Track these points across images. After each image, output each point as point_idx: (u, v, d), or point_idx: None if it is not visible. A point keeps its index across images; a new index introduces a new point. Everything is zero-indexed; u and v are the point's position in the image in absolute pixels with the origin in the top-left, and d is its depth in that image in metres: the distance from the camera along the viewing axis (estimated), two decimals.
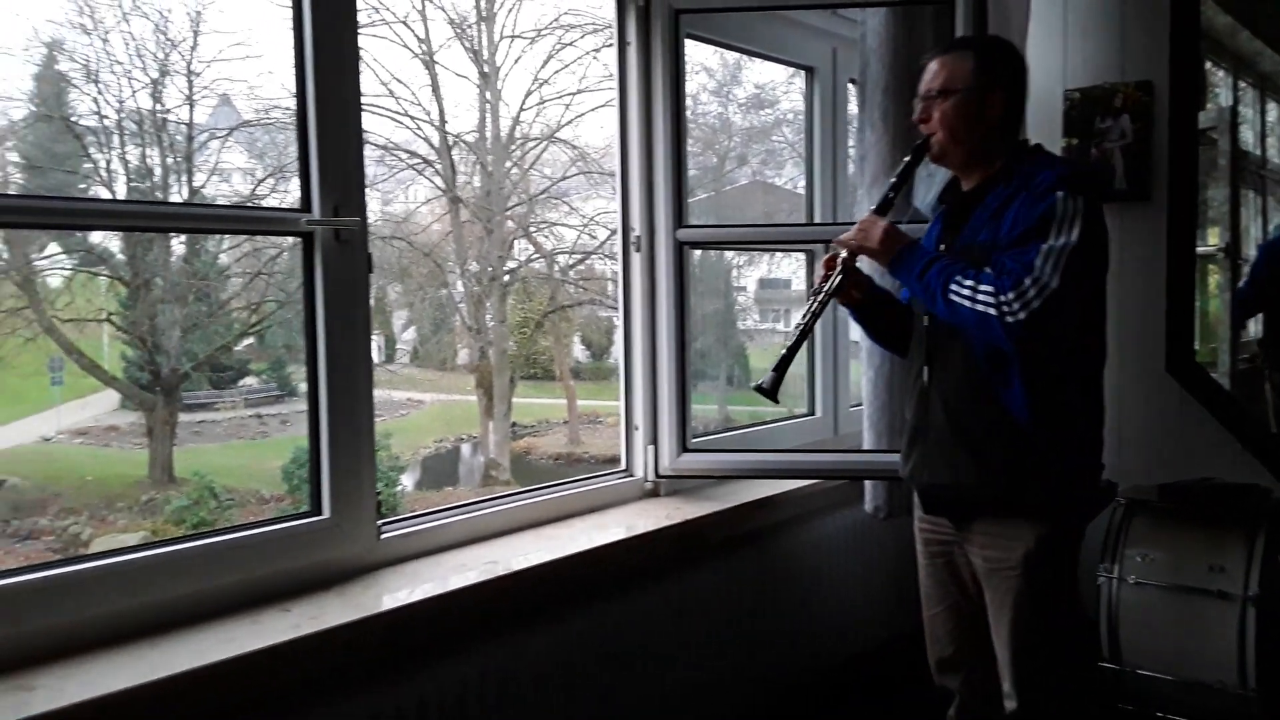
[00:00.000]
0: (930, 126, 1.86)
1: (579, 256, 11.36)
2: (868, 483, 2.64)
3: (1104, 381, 1.89)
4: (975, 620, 1.93)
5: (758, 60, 3.64)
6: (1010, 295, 1.66)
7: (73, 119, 7.68)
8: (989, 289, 1.68)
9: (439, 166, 10.63)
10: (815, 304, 1.92)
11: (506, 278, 11.03)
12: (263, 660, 1.49)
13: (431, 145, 10.60)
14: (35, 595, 1.45)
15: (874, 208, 1.93)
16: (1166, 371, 3.02)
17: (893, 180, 1.93)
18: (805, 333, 1.92)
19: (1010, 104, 1.86)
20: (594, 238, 11.11)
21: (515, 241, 11.29)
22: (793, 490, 2.56)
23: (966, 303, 1.70)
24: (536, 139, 11.01)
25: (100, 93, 7.68)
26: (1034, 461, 1.78)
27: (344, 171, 1.82)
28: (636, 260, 2.48)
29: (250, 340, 9.20)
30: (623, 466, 2.53)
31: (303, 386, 9.42)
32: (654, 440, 2.48)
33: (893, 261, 1.85)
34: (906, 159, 1.92)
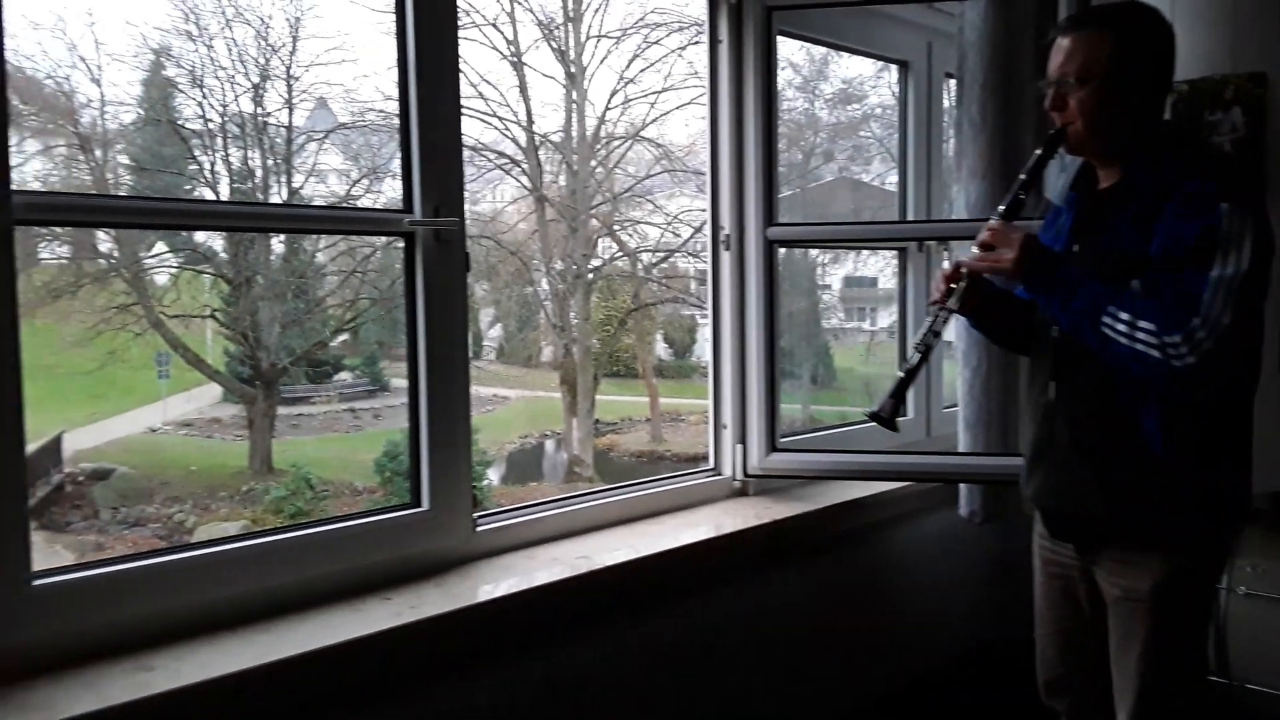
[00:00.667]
0: (1067, 116, 1.65)
1: (662, 255, 11.39)
2: (962, 486, 2.59)
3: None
4: (1089, 645, 1.80)
5: (846, 55, 3.58)
6: (1177, 338, 1.47)
7: (179, 123, 8.01)
8: (1150, 327, 1.50)
9: (526, 166, 10.79)
10: (935, 323, 1.74)
11: (590, 276, 11.13)
12: (367, 647, 1.54)
13: (518, 145, 10.77)
14: (152, 580, 1.52)
15: (1001, 210, 1.70)
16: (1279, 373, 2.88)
17: (1022, 178, 1.72)
18: (926, 354, 1.75)
19: (1158, 86, 1.65)
20: (677, 235, 11.13)
21: (599, 240, 11.38)
22: (884, 492, 2.53)
23: (1123, 339, 1.52)
24: (621, 138, 11.09)
25: (205, 97, 8.00)
26: (1169, 491, 1.62)
27: (444, 174, 1.86)
28: (726, 259, 2.48)
29: (345, 336, 9.48)
30: (710, 465, 2.53)
31: (394, 381, 9.71)
32: (742, 439, 2.47)
33: (1031, 281, 1.64)
34: (1038, 153, 1.71)
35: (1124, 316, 1.53)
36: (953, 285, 1.74)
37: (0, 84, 1.33)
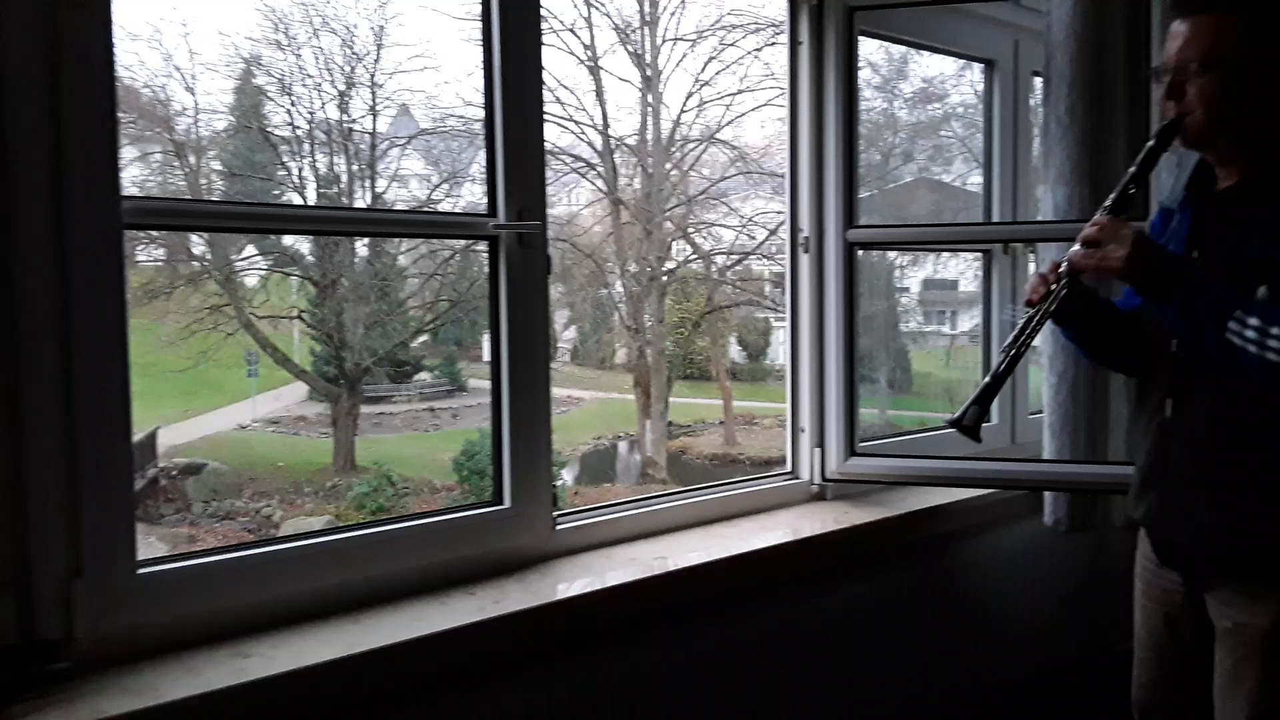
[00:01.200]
0: (1185, 105, 1.53)
1: (737, 257, 11.36)
2: (1048, 494, 2.53)
3: None
4: (1190, 675, 1.69)
5: (926, 53, 3.53)
6: None
7: (268, 129, 8.29)
8: None
9: (601, 169, 10.88)
10: (1028, 326, 1.62)
11: (665, 278, 11.17)
12: (452, 639, 1.58)
13: (594, 149, 10.87)
14: (248, 571, 1.58)
15: (1108, 204, 1.57)
16: None
17: (1132, 170, 1.58)
18: (1015, 359, 1.63)
19: None
20: (752, 238, 11.10)
21: (674, 242, 11.41)
22: (967, 499, 2.48)
23: (1253, 347, 1.39)
24: (696, 140, 11.10)
25: (293, 104, 8.27)
26: None
27: (527, 178, 1.90)
28: (804, 261, 2.46)
29: (424, 337, 9.70)
30: (788, 469, 2.52)
31: (472, 382, 9.88)
32: (820, 443, 2.46)
33: (1145, 282, 1.51)
34: (1149, 144, 1.58)
35: (1253, 322, 1.40)
36: (1051, 286, 1.61)
37: (110, 97, 1.41)
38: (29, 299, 1.33)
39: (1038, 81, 2.92)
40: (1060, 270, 1.61)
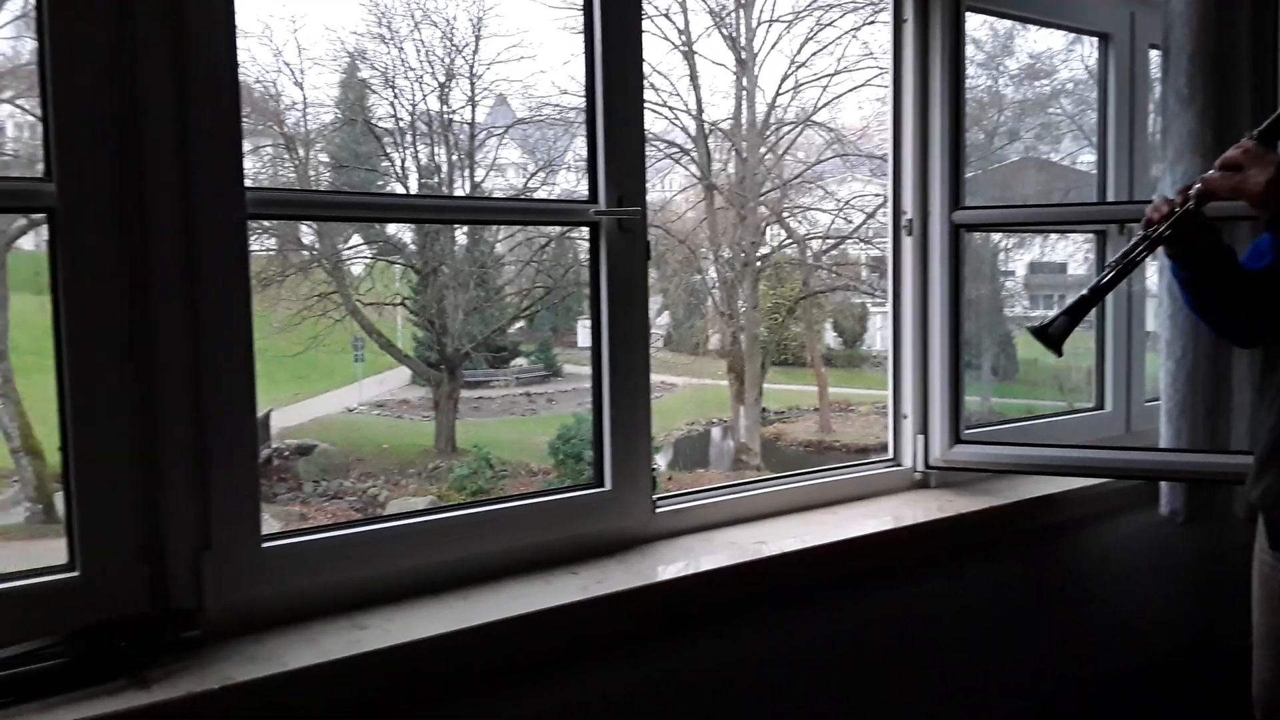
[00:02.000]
0: None
1: (832, 241, 11.18)
2: (1164, 484, 2.43)
3: None
4: None
5: (1032, 28, 3.40)
6: None
7: (373, 122, 8.52)
8: None
9: (695, 154, 10.84)
10: (1143, 244, 1.52)
11: (759, 263, 11.08)
12: (558, 617, 1.62)
13: (688, 134, 10.83)
14: (364, 547, 1.65)
15: (1256, 132, 1.46)
16: None
17: None
18: (1118, 277, 1.54)
19: None
20: (849, 222, 10.90)
21: (768, 227, 11.30)
22: (1077, 489, 2.40)
23: None
24: (792, 123, 10.95)
25: (395, 97, 8.47)
26: None
27: (628, 164, 1.91)
28: (908, 244, 2.42)
29: (521, 323, 9.86)
30: (889, 455, 2.49)
31: (567, 368, 10.01)
32: (924, 430, 2.41)
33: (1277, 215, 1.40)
34: None
35: None
36: (1175, 210, 1.51)
37: (234, 92, 1.47)
38: (162, 286, 1.41)
39: (1155, 55, 2.79)
40: (1190, 192, 1.50)
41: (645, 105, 1.97)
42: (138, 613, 1.41)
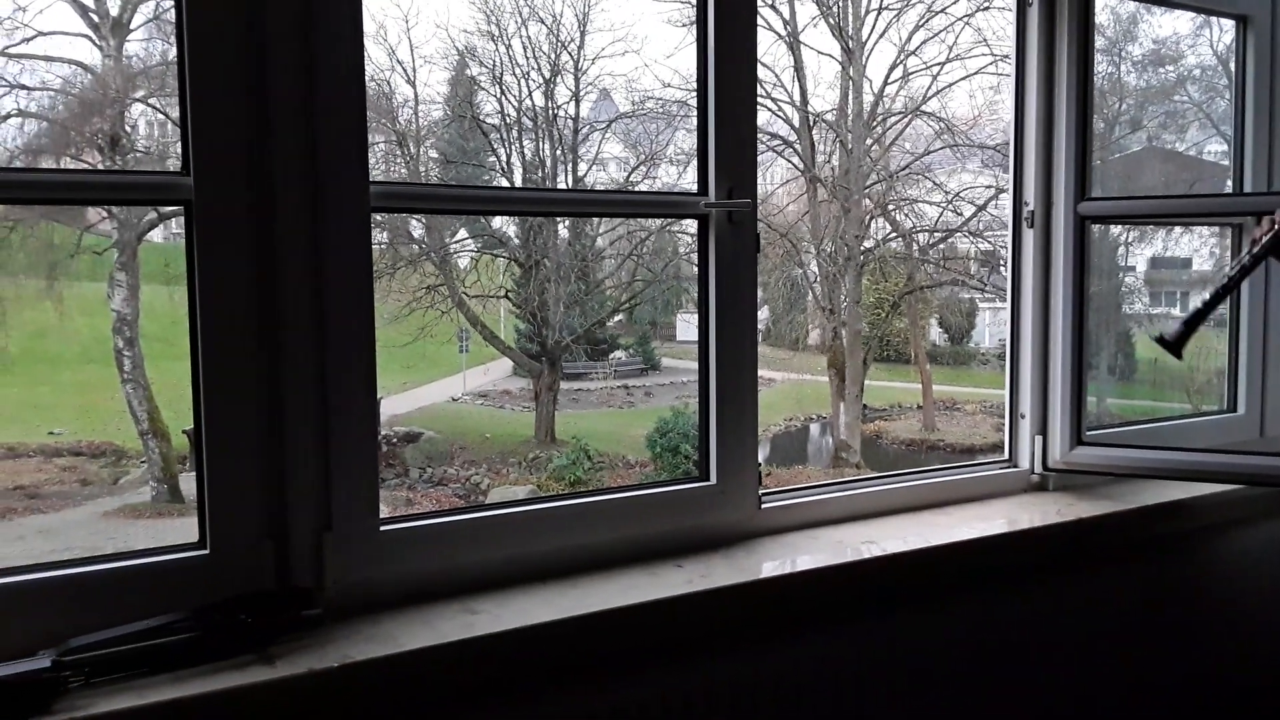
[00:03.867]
0: None
1: (940, 234, 10.88)
2: None
3: None
4: None
5: (1159, 11, 3.21)
6: None
7: (480, 118, 8.69)
8: None
9: (798, 146, 10.70)
10: (1247, 257, 1.59)
11: (862, 257, 10.87)
12: (664, 609, 1.61)
13: (791, 126, 10.70)
14: (475, 532, 1.67)
15: None
16: None
17: None
18: (1230, 287, 1.62)
19: None
20: (958, 214, 10.59)
21: (872, 220, 11.07)
22: (1207, 495, 2.27)
23: None
24: (900, 113, 10.70)
25: (502, 93, 8.63)
26: None
27: (738, 156, 1.89)
28: (1028, 237, 2.32)
29: (620, 317, 9.93)
30: (1004, 456, 2.40)
31: (665, 361, 10.03)
32: (1042, 430, 2.32)
33: None
34: None
35: None
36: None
37: (360, 88, 1.51)
38: (289, 275, 1.46)
39: None
40: None
41: None
42: (262, 590, 1.46)
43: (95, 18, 6.31)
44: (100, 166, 6.22)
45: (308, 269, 1.46)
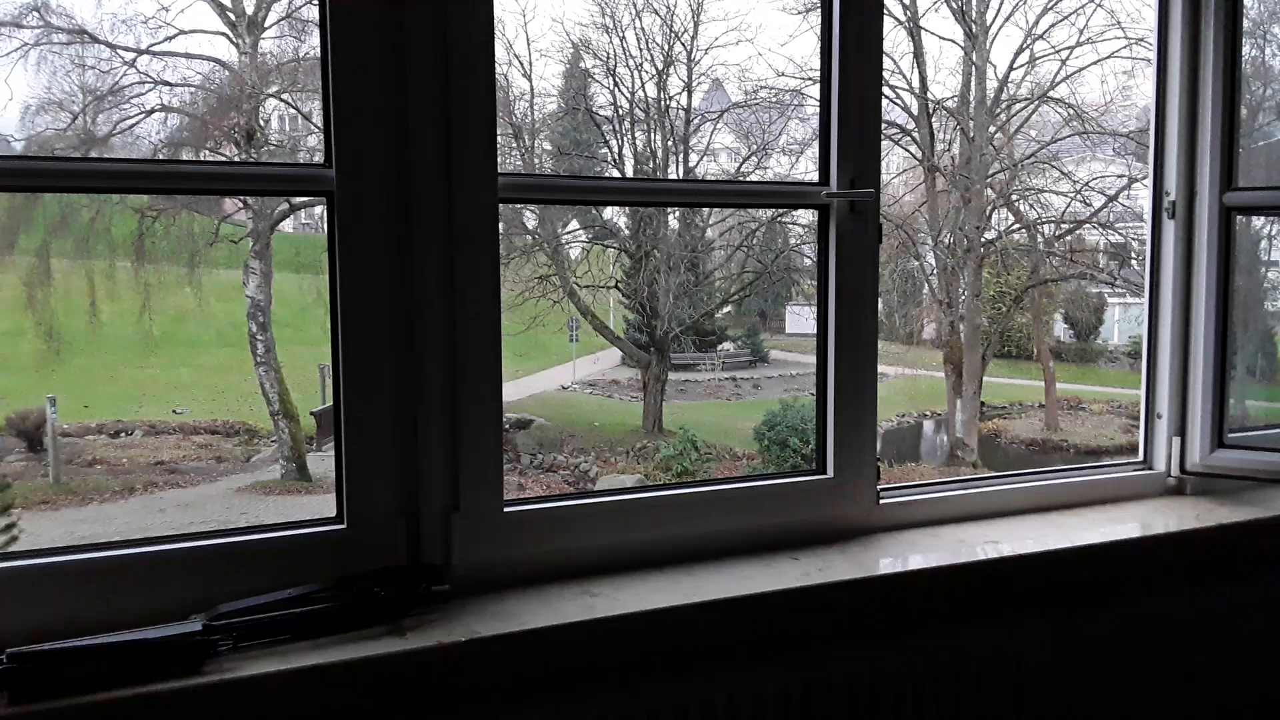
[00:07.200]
0: None
1: (1067, 226, 10.43)
2: None
3: None
4: None
5: None
6: None
7: (594, 110, 8.78)
8: None
9: (916, 135, 10.42)
10: None
11: (982, 249, 10.52)
12: (780, 601, 1.61)
13: (909, 113, 10.42)
14: (593, 517, 1.70)
15: None
16: None
17: None
18: None
19: None
20: (1087, 205, 10.12)
21: (994, 211, 10.70)
22: None
23: None
24: (1025, 100, 10.29)
25: (615, 85, 8.69)
26: None
27: (862, 146, 1.86)
28: (1169, 228, 2.22)
29: (728, 308, 9.90)
30: (1137, 458, 2.30)
31: (773, 354, 9.94)
32: (1181, 431, 2.21)
33: None
34: None
35: None
36: None
37: (490, 81, 1.56)
38: (423, 263, 1.51)
39: None
40: None
41: None
42: (395, 565, 1.53)
43: (232, 16, 6.63)
44: (236, 159, 6.56)
45: (440, 257, 1.52)
